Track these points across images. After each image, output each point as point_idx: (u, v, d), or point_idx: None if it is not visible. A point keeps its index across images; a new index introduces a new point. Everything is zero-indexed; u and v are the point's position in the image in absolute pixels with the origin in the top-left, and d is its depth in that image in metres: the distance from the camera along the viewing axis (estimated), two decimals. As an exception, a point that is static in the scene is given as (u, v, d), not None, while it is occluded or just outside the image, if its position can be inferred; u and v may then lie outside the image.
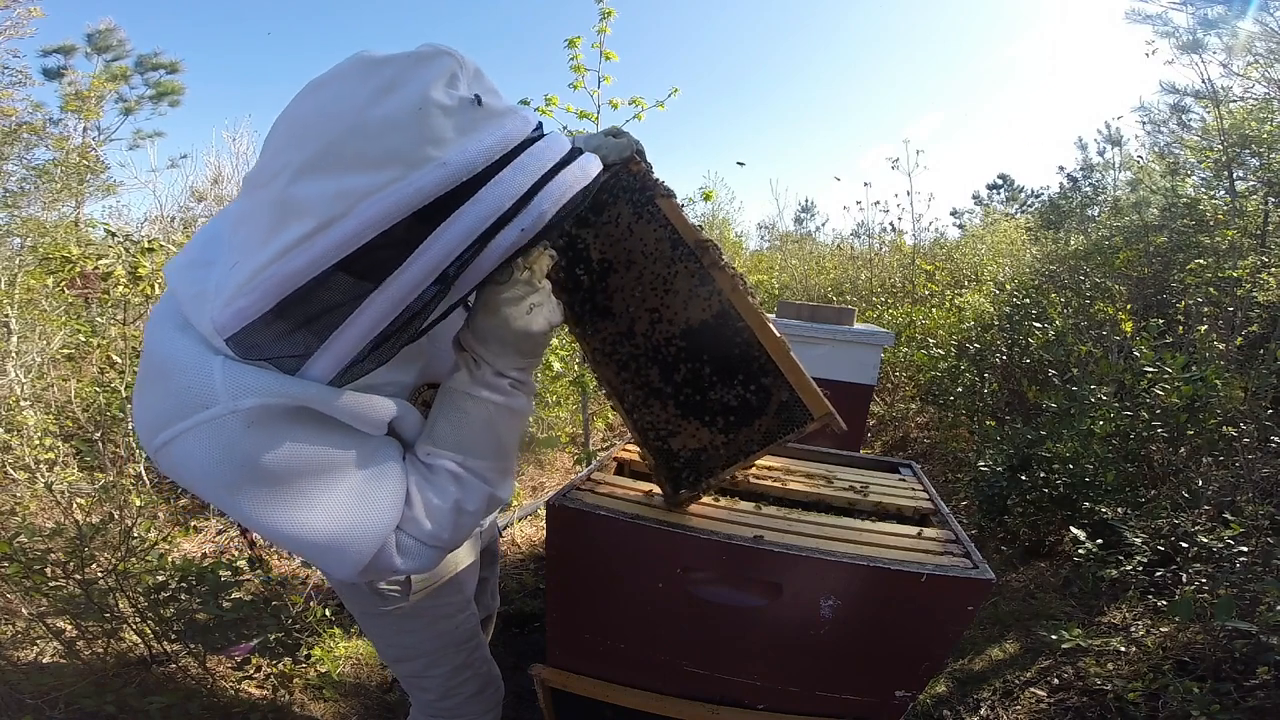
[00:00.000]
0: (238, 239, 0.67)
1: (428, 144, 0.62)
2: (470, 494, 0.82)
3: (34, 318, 3.06)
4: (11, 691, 1.57)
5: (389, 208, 0.61)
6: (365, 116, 0.61)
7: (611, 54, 3.03)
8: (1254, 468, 2.24)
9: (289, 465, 0.69)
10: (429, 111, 0.62)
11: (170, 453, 0.68)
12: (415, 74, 0.64)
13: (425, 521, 0.80)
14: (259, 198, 0.65)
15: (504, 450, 0.86)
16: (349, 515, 0.73)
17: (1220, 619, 1.62)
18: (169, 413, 0.67)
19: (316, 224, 0.60)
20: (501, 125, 0.67)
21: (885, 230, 8.17)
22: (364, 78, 0.64)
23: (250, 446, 0.67)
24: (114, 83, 9.23)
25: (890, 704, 1.11)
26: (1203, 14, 4.56)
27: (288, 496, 0.70)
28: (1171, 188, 4.79)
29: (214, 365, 0.67)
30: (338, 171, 0.61)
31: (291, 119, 0.66)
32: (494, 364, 0.82)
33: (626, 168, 1.05)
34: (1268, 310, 3.26)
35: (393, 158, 0.61)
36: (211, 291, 0.67)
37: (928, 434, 4.43)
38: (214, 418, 0.66)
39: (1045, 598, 2.44)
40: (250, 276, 0.63)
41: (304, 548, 0.74)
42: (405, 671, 1.20)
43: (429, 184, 0.62)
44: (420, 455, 0.83)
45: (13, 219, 4.74)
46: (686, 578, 1.09)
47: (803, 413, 1.01)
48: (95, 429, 2.71)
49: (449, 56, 0.67)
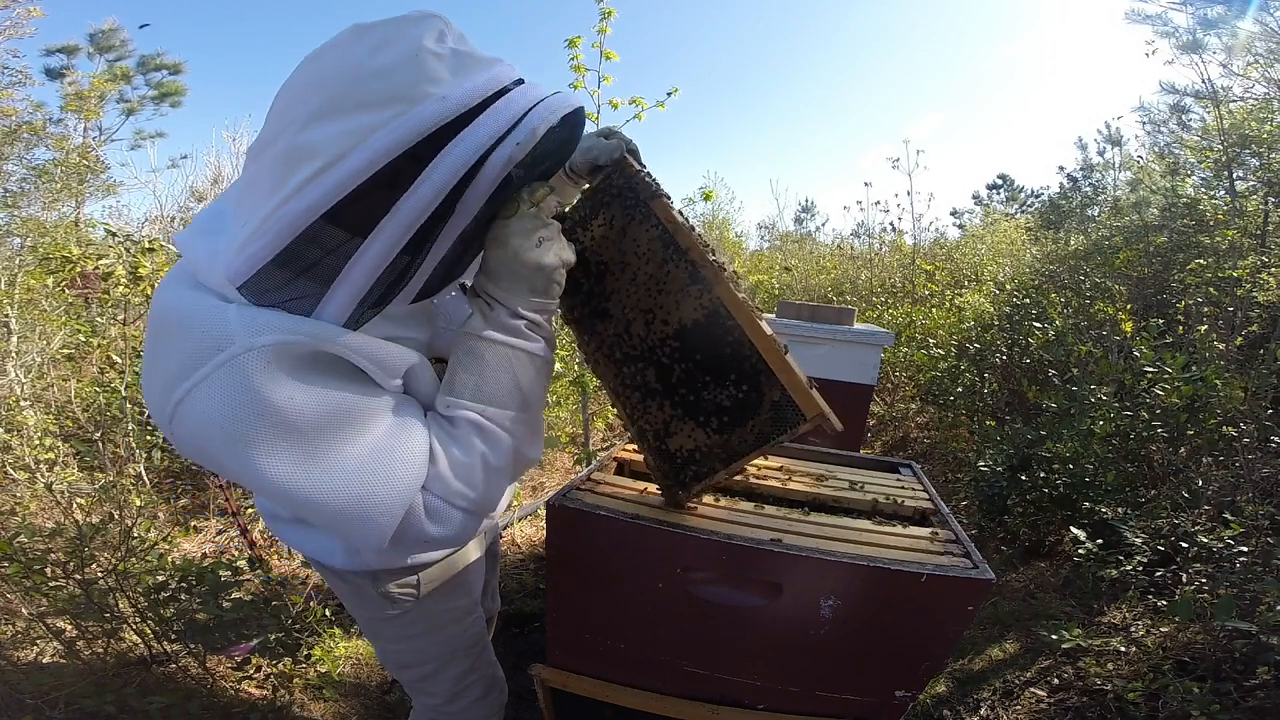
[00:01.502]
0: (246, 203, 0.70)
1: (426, 82, 0.66)
2: (496, 448, 0.80)
3: (34, 318, 3.06)
4: (11, 691, 1.57)
5: (397, 137, 0.64)
6: (364, 67, 0.65)
7: (612, 54, 3.03)
8: (1254, 468, 2.24)
9: (308, 412, 0.66)
10: (423, 57, 0.67)
11: (184, 413, 0.65)
12: (406, 30, 0.68)
13: (452, 479, 0.76)
14: (264, 159, 0.67)
15: (527, 401, 0.83)
16: (372, 473, 0.70)
17: (1220, 619, 1.62)
18: (184, 365, 0.65)
19: (327, 159, 0.63)
20: (490, 69, 0.71)
21: (885, 230, 8.19)
22: (358, 39, 0.68)
23: (269, 388, 0.64)
24: (114, 83, 9.23)
25: (890, 704, 1.11)
26: (1203, 14, 4.57)
27: (308, 449, 0.67)
28: (1171, 188, 4.78)
29: (228, 310, 0.67)
30: (344, 114, 0.64)
31: (291, 87, 0.69)
32: (507, 303, 0.82)
33: (619, 169, 1.04)
34: (1268, 310, 3.25)
35: (394, 96, 0.65)
36: (222, 248, 0.69)
37: (928, 434, 4.43)
38: (231, 358, 0.64)
39: (1045, 598, 2.44)
40: (262, 220, 0.65)
41: (327, 514, 0.70)
42: (412, 677, 1.19)
43: (431, 115, 0.65)
44: (440, 408, 0.81)
45: (13, 219, 4.74)
46: (686, 578, 1.09)
47: (795, 413, 0.99)
48: (95, 429, 2.71)
49: (436, 18, 0.71)
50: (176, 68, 10.21)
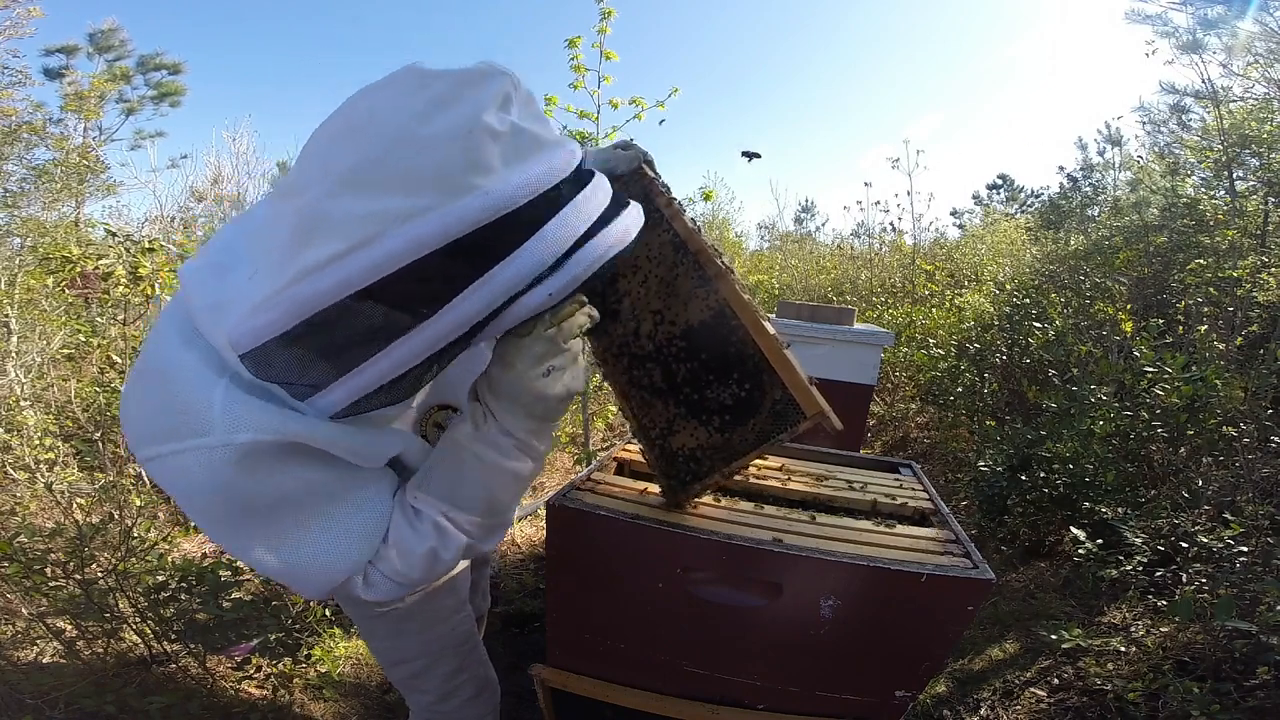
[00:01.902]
0: (258, 246, 0.66)
1: (472, 170, 0.59)
2: (449, 544, 0.80)
3: (34, 318, 3.06)
4: (11, 691, 1.57)
5: (423, 236, 0.58)
6: (412, 131, 0.59)
7: (612, 54, 3.03)
8: (1254, 468, 2.24)
9: (270, 500, 0.69)
10: (478, 135, 0.60)
11: (153, 469, 0.69)
12: (468, 92, 0.62)
13: (396, 561, 0.78)
14: (287, 205, 0.62)
15: (495, 508, 0.82)
16: (319, 549, 0.73)
17: (1220, 619, 1.62)
18: (162, 430, 0.67)
19: (345, 245, 0.57)
20: (548, 158, 0.64)
21: (885, 230, 8.19)
22: (415, 90, 0.62)
23: (236, 481, 0.66)
24: (114, 83, 9.23)
25: (890, 704, 1.11)
26: (1203, 14, 4.57)
27: (263, 528, 0.70)
28: (1171, 188, 4.78)
29: (215, 393, 0.65)
30: (374, 189, 0.58)
31: (336, 124, 0.64)
32: (501, 421, 0.78)
33: (635, 178, 1.10)
34: (1268, 310, 3.25)
35: (435, 181, 0.58)
36: (228, 302, 0.65)
37: (928, 434, 4.43)
38: (207, 447, 0.65)
39: (1045, 598, 2.44)
40: (271, 294, 0.60)
41: (271, 574, 0.75)
42: (403, 674, 1.20)
43: (468, 214, 0.59)
44: (409, 498, 0.80)
45: (13, 219, 4.74)
46: (686, 578, 1.09)
47: (795, 412, 1.01)
48: (95, 429, 2.71)
49: (505, 77, 0.65)
50: (176, 67, 10.22)
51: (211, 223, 5.72)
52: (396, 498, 0.81)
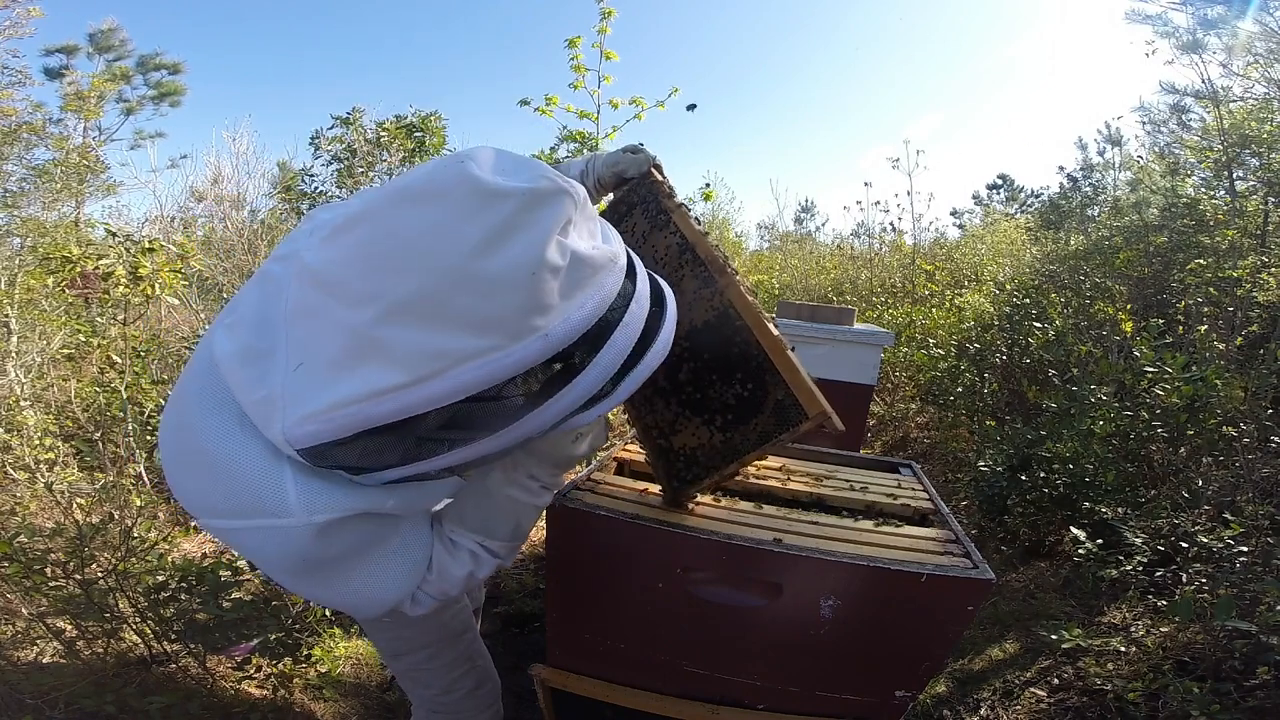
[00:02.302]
0: (300, 335, 0.65)
1: (534, 312, 0.60)
2: (483, 566, 0.89)
3: (34, 318, 3.06)
4: (11, 691, 1.57)
5: (485, 376, 0.59)
6: (473, 269, 0.58)
7: (612, 54, 3.03)
8: (1254, 468, 2.24)
9: (335, 555, 0.73)
10: (540, 278, 0.60)
11: (229, 536, 0.73)
12: (531, 221, 0.61)
13: (438, 584, 0.86)
14: (335, 311, 0.61)
15: (520, 533, 0.92)
16: (376, 585, 0.79)
17: (1220, 619, 1.62)
18: (234, 508, 0.69)
19: (409, 379, 0.58)
20: (601, 285, 0.66)
21: (885, 230, 8.18)
22: (475, 213, 0.60)
23: (311, 549, 0.70)
24: (113, 83, 9.24)
25: (890, 704, 1.12)
26: (1203, 14, 4.57)
27: (329, 575, 0.75)
28: (1171, 188, 4.78)
29: (286, 478, 0.67)
30: (436, 325, 0.58)
31: (388, 232, 0.61)
32: (530, 469, 0.87)
33: (644, 181, 1.13)
34: (1268, 310, 3.25)
35: (496, 325, 0.59)
36: (278, 398, 0.64)
37: (928, 434, 4.43)
38: (287, 527, 0.68)
39: (1045, 598, 2.44)
40: (326, 408, 0.60)
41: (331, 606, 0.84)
42: (404, 666, 1.22)
43: (529, 355, 0.60)
44: (446, 531, 0.88)
45: (13, 219, 4.74)
46: (686, 578, 1.09)
47: (797, 412, 1.01)
48: (95, 429, 2.71)
49: (566, 197, 0.65)
50: (176, 67, 10.23)
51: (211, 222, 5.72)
52: (435, 530, 0.87)
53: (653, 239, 1.12)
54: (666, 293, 0.82)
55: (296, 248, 0.70)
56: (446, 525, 0.88)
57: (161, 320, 3.96)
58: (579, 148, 3.41)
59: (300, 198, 6.60)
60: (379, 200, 0.64)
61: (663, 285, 0.83)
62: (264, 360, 0.67)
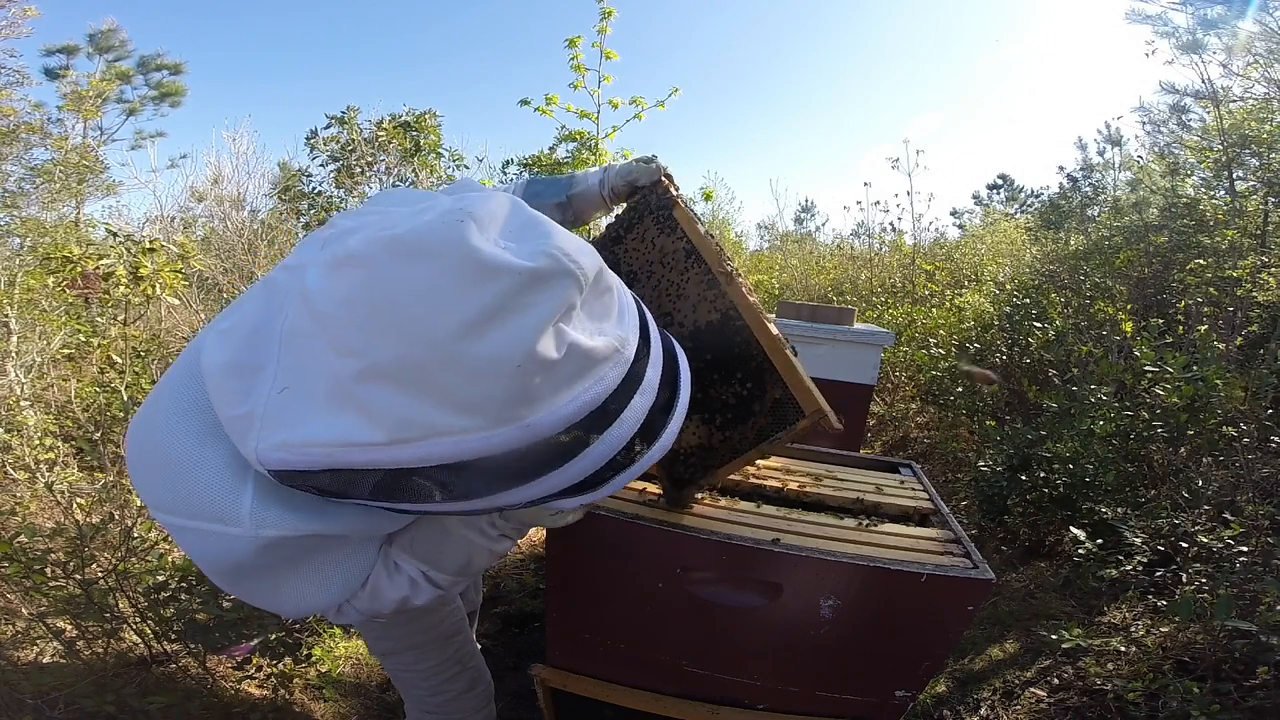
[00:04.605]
0: (290, 360, 0.63)
1: (520, 404, 0.57)
2: (420, 594, 0.86)
3: (34, 318, 3.06)
4: (11, 691, 1.57)
5: (459, 453, 0.57)
6: (458, 349, 0.55)
7: (612, 53, 3.03)
8: (1254, 468, 2.24)
9: (274, 565, 0.72)
10: (530, 368, 0.56)
11: (174, 530, 0.72)
12: (525, 305, 0.57)
13: (366, 600, 0.83)
14: (323, 352, 0.60)
15: (470, 570, 0.89)
16: (303, 593, 0.77)
17: (1220, 619, 1.62)
18: (187, 508, 0.69)
19: (382, 439, 0.57)
20: (603, 377, 0.61)
21: (885, 230, 8.17)
22: (467, 286, 0.56)
23: (250, 559, 0.70)
24: (112, 83, 9.24)
25: (890, 704, 1.11)
26: (1202, 14, 4.57)
27: (259, 581, 0.74)
28: (1171, 188, 4.78)
29: (244, 494, 0.67)
30: (416, 394, 0.56)
31: (379, 286, 0.58)
32: (493, 519, 0.85)
33: (654, 189, 1.18)
34: (1268, 310, 3.25)
35: (477, 408, 0.56)
36: (258, 417, 0.62)
37: (928, 434, 4.43)
38: (232, 535, 0.67)
39: (1045, 598, 2.44)
40: (304, 442, 0.59)
41: (252, 604, 0.81)
42: (395, 666, 1.22)
43: (509, 442, 0.58)
44: (392, 553, 0.85)
45: (13, 219, 4.74)
46: (686, 578, 1.09)
47: (795, 410, 1.03)
48: (95, 429, 2.71)
49: (569, 280, 0.60)
50: (176, 68, 10.25)
51: (211, 222, 5.72)
52: (381, 550, 0.84)
53: (660, 244, 1.17)
54: (682, 372, 0.76)
55: (305, 260, 0.67)
56: (394, 548, 0.85)
57: (162, 320, 3.97)
58: (579, 147, 3.41)
59: (299, 198, 6.60)
60: (377, 245, 0.60)
61: (679, 362, 0.76)
62: (252, 375, 0.65)
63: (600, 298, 0.67)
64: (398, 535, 0.85)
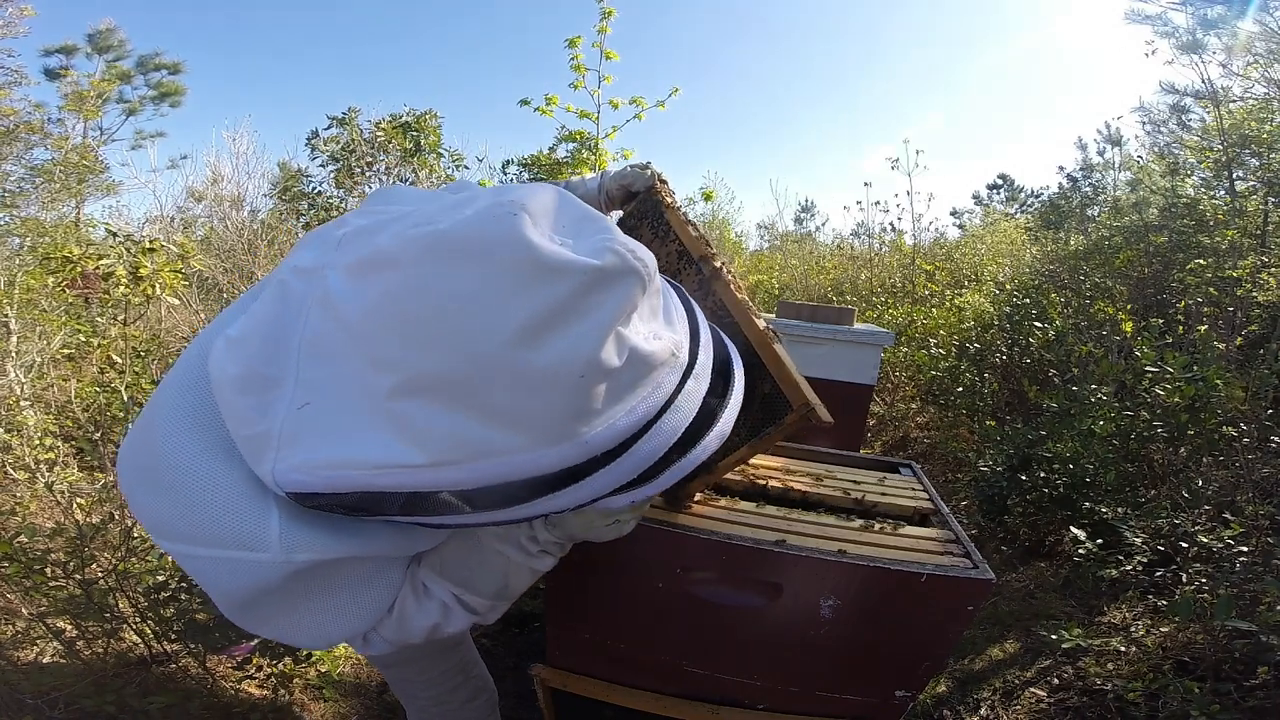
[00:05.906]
0: (310, 374, 0.57)
1: (576, 418, 0.52)
2: (452, 620, 0.78)
3: (34, 318, 3.06)
4: (11, 691, 1.57)
5: (508, 473, 0.53)
6: (513, 359, 0.50)
7: (612, 53, 3.03)
8: (1254, 468, 2.24)
9: (296, 593, 0.67)
10: (590, 382, 0.51)
11: (188, 562, 0.65)
12: (590, 308, 0.52)
13: (398, 630, 0.77)
14: (352, 363, 0.54)
15: (507, 593, 0.80)
16: (323, 622, 0.71)
17: (1220, 619, 1.62)
18: (203, 535, 0.62)
19: (423, 460, 0.52)
20: (660, 384, 0.58)
21: (885, 230, 8.17)
22: (523, 287, 0.50)
23: (281, 586, 0.64)
24: (112, 83, 9.25)
25: (890, 704, 1.11)
26: (1202, 14, 4.57)
27: (277, 614, 0.68)
28: (1171, 188, 4.78)
29: (271, 517, 0.61)
30: (463, 411, 0.51)
31: (419, 291, 0.52)
32: (535, 532, 0.77)
33: (649, 195, 1.20)
34: (1268, 310, 3.25)
35: (530, 424, 0.51)
36: (275, 435, 0.57)
37: (928, 434, 4.43)
38: (261, 562, 0.61)
39: (1045, 598, 2.44)
40: (326, 464, 0.54)
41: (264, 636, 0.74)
42: (397, 677, 1.20)
43: (564, 459, 0.54)
44: (421, 575, 0.77)
45: (13, 219, 4.74)
46: (687, 578, 1.09)
47: (784, 404, 1.02)
48: (95, 429, 2.71)
49: (635, 278, 0.55)
50: (176, 67, 10.26)
51: (211, 222, 5.72)
52: (409, 570, 0.77)
53: (655, 247, 1.19)
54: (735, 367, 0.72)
55: (323, 263, 0.60)
56: (423, 569, 0.77)
57: (162, 320, 3.97)
58: (579, 147, 3.41)
59: (299, 198, 6.60)
60: (415, 244, 0.53)
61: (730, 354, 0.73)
62: (268, 390, 0.59)
63: (654, 297, 0.62)
64: (426, 555, 0.77)
